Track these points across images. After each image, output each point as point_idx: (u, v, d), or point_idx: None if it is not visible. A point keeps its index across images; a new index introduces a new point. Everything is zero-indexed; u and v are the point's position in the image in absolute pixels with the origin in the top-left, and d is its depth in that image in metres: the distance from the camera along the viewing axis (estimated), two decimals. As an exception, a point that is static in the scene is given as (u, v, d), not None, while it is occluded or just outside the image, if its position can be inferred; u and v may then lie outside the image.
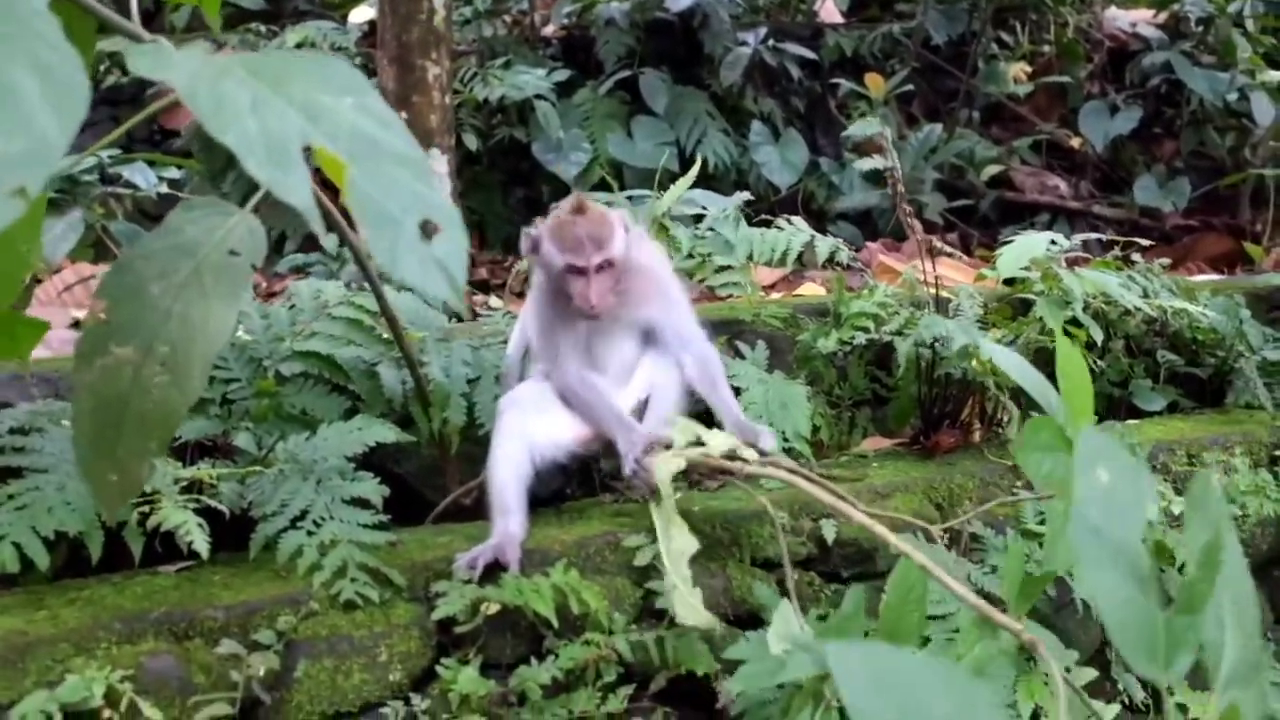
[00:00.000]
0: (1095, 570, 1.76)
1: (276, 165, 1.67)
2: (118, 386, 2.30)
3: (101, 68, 8.07)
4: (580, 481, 3.76)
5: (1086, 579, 1.75)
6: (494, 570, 2.93)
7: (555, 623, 2.85)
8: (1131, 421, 4.55)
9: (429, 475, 3.74)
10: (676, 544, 2.97)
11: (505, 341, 3.72)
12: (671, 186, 4.52)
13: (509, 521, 3.04)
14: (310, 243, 6.78)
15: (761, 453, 3.09)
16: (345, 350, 3.48)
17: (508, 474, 3.14)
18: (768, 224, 4.40)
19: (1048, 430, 2.52)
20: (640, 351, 3.38)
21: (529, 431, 3.21)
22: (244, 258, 2.40)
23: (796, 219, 4.41)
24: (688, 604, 2.90)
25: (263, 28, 8.35)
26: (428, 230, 1.73)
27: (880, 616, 2.57)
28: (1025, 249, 4.08)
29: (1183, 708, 3.69)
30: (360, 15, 8.58)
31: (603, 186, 5.76)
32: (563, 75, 7.93)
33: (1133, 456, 1.90)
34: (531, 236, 3.24)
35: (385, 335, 3.51)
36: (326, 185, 3.18)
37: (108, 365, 2.29)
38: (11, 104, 1.44)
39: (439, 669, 2.81)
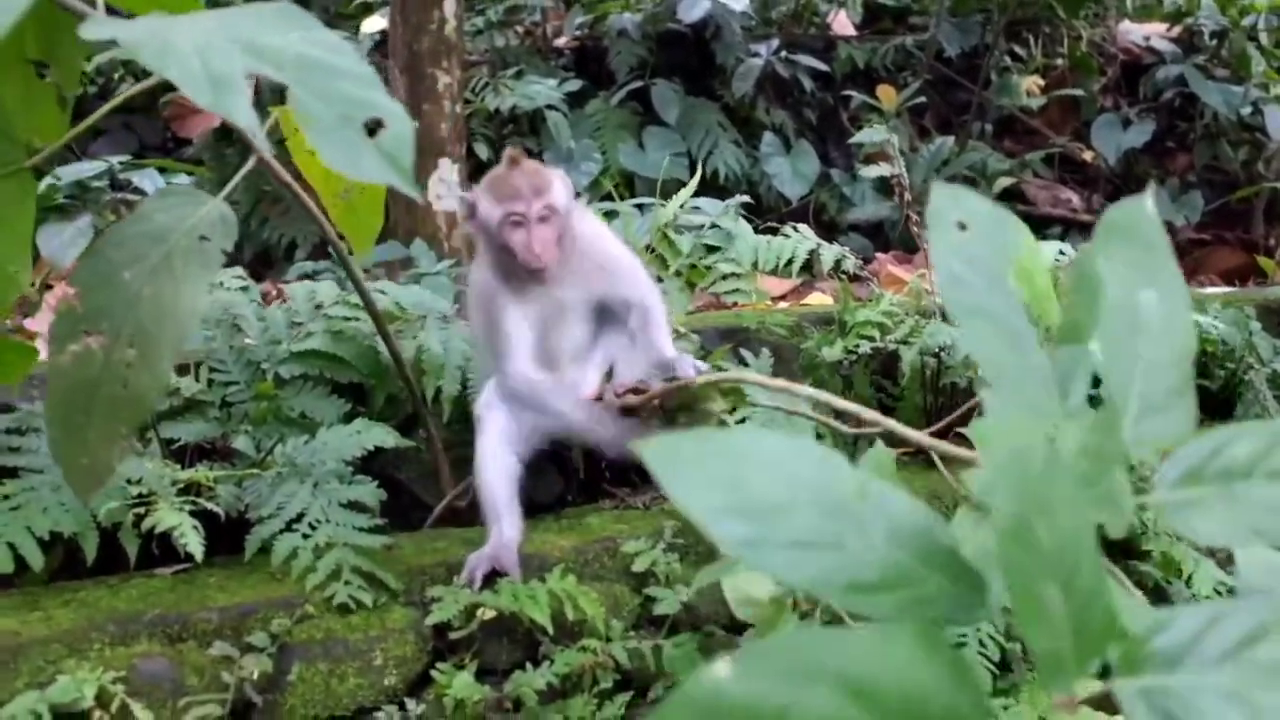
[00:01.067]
0: (968, 322, 1.61)
1: (217, 90, 1.71)
2: (88, 371, 2.31)
3: (116, 75, 8.12)
4: (581, 488, 3.74)
5: (962, 336, 1.60)
6: (493, 577, 2.91)
7: (550, 629, 2.83)
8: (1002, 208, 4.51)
9: (428, 480, 3.72)
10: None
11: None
12: (675, 196, 4.52)
13: (502, 525, 3.01)
14: (320, 250, 6.80)
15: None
16: (344, 345, 3.48)
17: (495, 475, 3.10)
18: (774, 231, 4.39)
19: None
20: (595, 327, 3.25)
21: (510, 429, 3.16)
22: (214, 243, 2.41)
23: (802, 226, 4.40)
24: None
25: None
26: (373, 129, 1.75)
27: None
28: (1032, 258, 4.06)
29: None
30: (372, 25, 8.59)
31: (613, 197, 5.76)
32: (574, 85, 7.94)
33: (991, 204, 1.72)
34: (467, 200, 3.08)
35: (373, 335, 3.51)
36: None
37: (79, 351, 2.30)
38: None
39: (434, 674, 2.79)
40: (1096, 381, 1.40)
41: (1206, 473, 1.26)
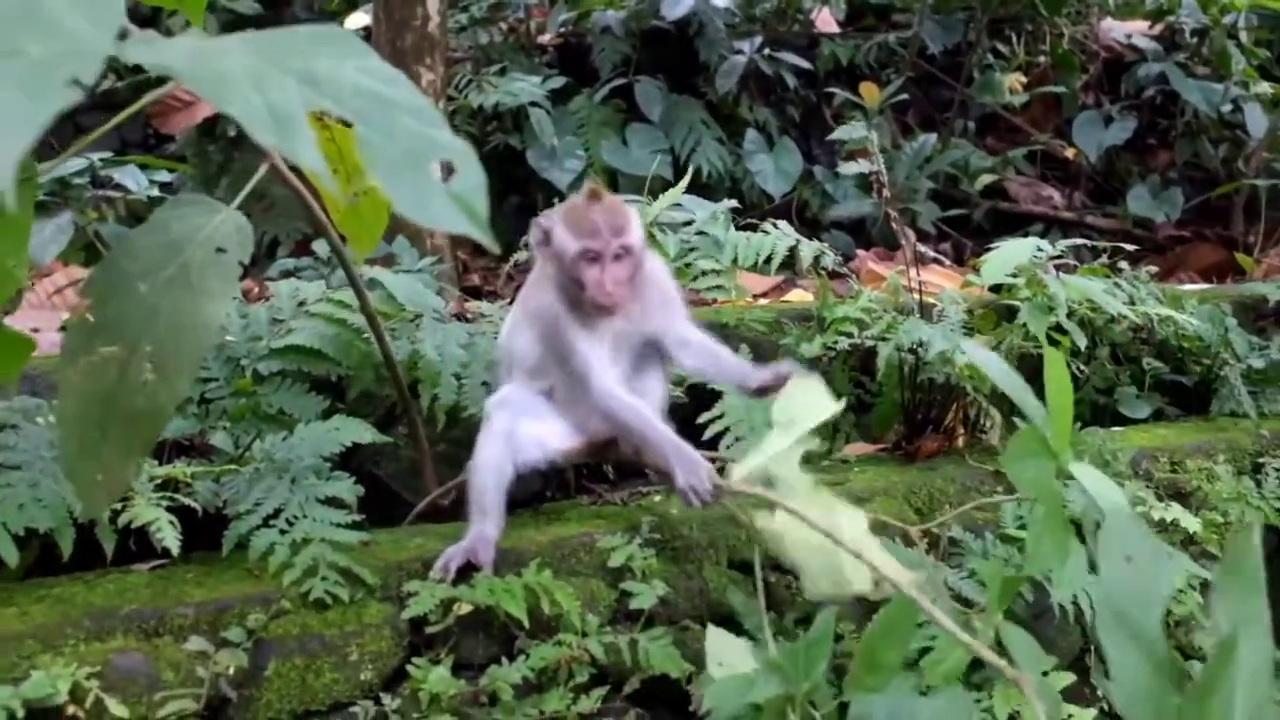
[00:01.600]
0: (1116, 648, 1.84)
1: (284, 132, 1.66)
2: (104, 385, 2.29)
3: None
4: (559, 485, 3.76)
5: (1108, 655, 1.84)
6: (468, 571, 2.92)
7: (526, 623, 2.84)
8: (1116, 429, 4.55)
9: (408, 477, 3.75)
10: (848, 528, 2.70)
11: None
12: (663, 195, 4.52)
13: (485, 524, 3.02)
14: (302, 248, 6.80)
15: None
16: (327, 342, 3.49)
17: (489, 478, 3.09)
18: (753, 228, 4.40)
19: (1033, 439, 2.56)
20: (636, 361, 3.27)
21: (516, 434, 3.15)
22: (231, 254, 2.41)
23: (782, 223, 4.41)
24: (891, 570, 2.62)
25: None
26: (443, 172, 1.72)
27: (861, 644, 2.56)
28: (1010, 255, 4.09)
29: None
30: (355, 22, 8.59)
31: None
32: (558, 83, 7.93)
33: (1153, 539, 1.97)
34: (543, 226, 3.09)
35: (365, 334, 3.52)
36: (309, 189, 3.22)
37: (93, 363, 2.28)
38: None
39: (410, 668, 2.79)
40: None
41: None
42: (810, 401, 2.90)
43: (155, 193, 5.79)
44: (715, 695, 2.70)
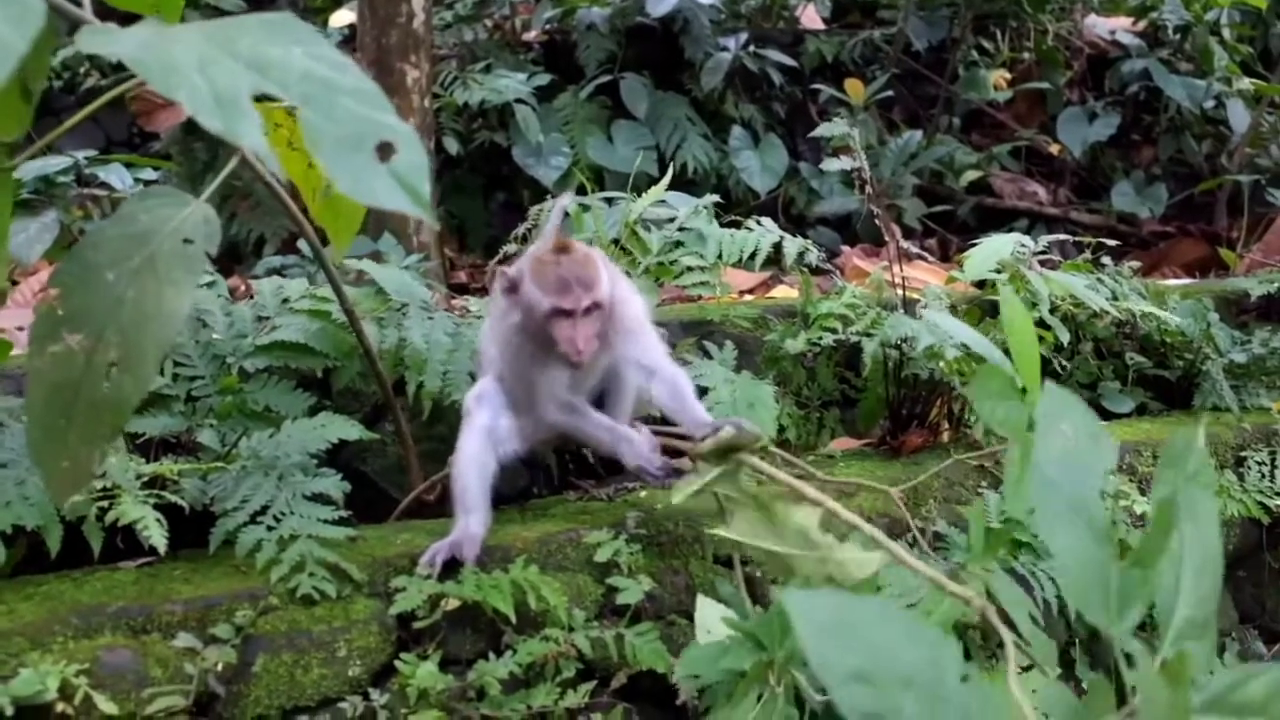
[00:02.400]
0: (1052, 521, 1.84)
1: (227, 115, 1.70)
2: (70, 373, 2.30)
3: (81, 70, 8.08)
4: (545, 481, 3.78)
5: (1044, 530, 1.82)
6: (453, 566, 2.94)
7: (513, 619, 2.85)
8: (1101, 424, 4.55)
9: (394, 474, 3.77)
10: (796, 519, 2.85)
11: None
12: (647, 191, 4.54)
13: (470, 520, 3.03)
14: (288, 245, 6.80)
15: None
16: (311, 337, 3.52)
17: (471, 473, 3.10)
18: (738, 225, 4.42)
19: (998, 378, 2.59)
20: (601, 385, 3.32)
21: (497, 428, 3.17)
22: (198, 245, 2.41)
23: (766, 220, 4.43)
24: (843, 561, 2.78)
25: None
26: (385, 152, 1.75)
27: None
28: (993, 250, 4.10)
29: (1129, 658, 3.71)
30: (340, 19, 8.59)
31: (582, 191, 5.79)
32: (543, 80, 7.95)
33: (1092, 415, 1.97)
34: (509, 276, 3.07)
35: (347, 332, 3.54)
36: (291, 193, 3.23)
37: (59, 352, 2.28)
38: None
39: (398, 664, 2.80)
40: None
41: (1226, 703, 1.69)
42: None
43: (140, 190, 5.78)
44: (690, 662, 2.73)
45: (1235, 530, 4.35)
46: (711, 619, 2.95)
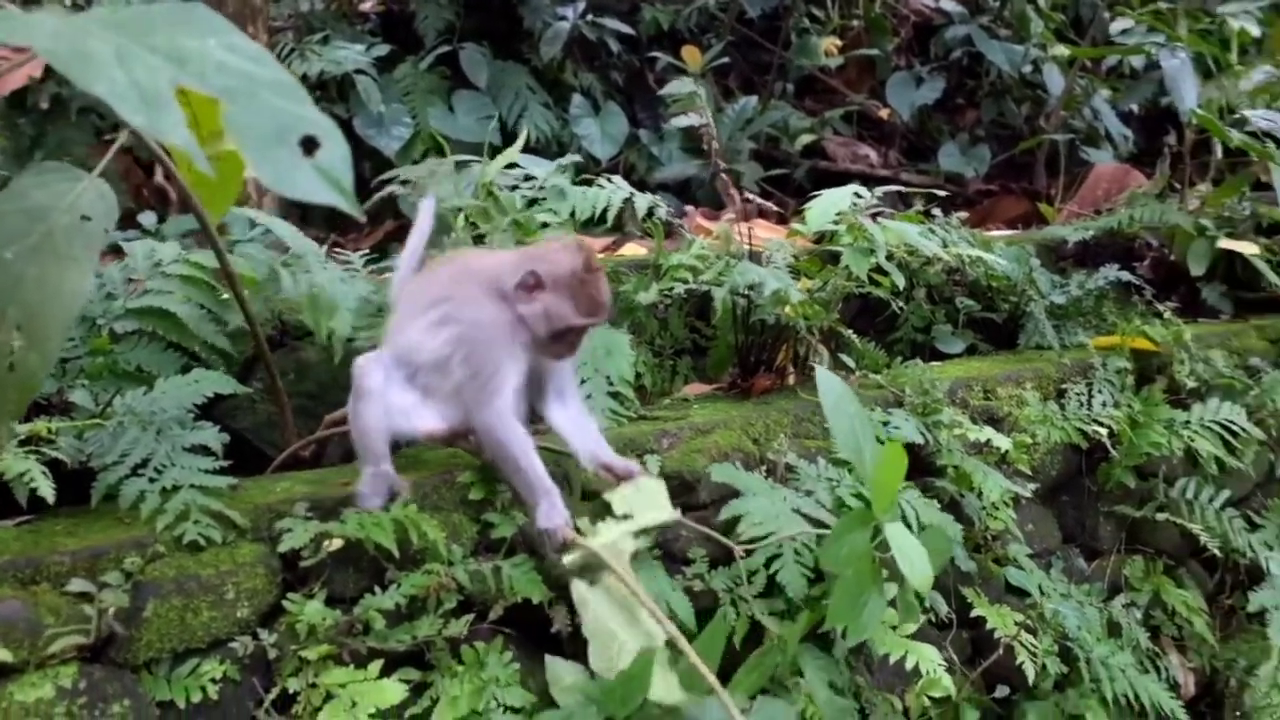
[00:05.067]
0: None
1: (152, 111, 1.72)
2: None
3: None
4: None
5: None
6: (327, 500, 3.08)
7: (396, 554, 2.97)
8: (934, 363, 4.84)
9: (265, 430, 3.83)
10: (649, 625, 3.05)
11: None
12: (501, 154, 4.65)
13: (382, 462, 3.13)
14: (128, 220, 6.72)
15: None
16: (183, 306, 3.56)
17: (370, 425, 3.14)
18: (589, 183, 4.57)
19: (857, 520, 3.16)
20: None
21: (390, 405, 3.19)
22: (96, 221, 2.44)
23: (617, 178, 4.59)
24: (662, 683, 2.99)
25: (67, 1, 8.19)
26: (309, 146, 1.80)
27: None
28: (832, 202, 4.33)
29: (981, 619, 4.00)
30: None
31: (428, 156, 5.86)
32: (382, 50, 7.95)
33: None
34: (538, 275, 3.13)
35: (223, 293, 3.61)
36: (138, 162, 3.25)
37: None
38: None
39: (285, 604, 2.91)
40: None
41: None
42: (649, 503, 3.25)
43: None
44: None
45: (1058, 457, 4.67)
46: (561, 675, 3.15)
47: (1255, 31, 8.63)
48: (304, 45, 7.84)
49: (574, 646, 3.15)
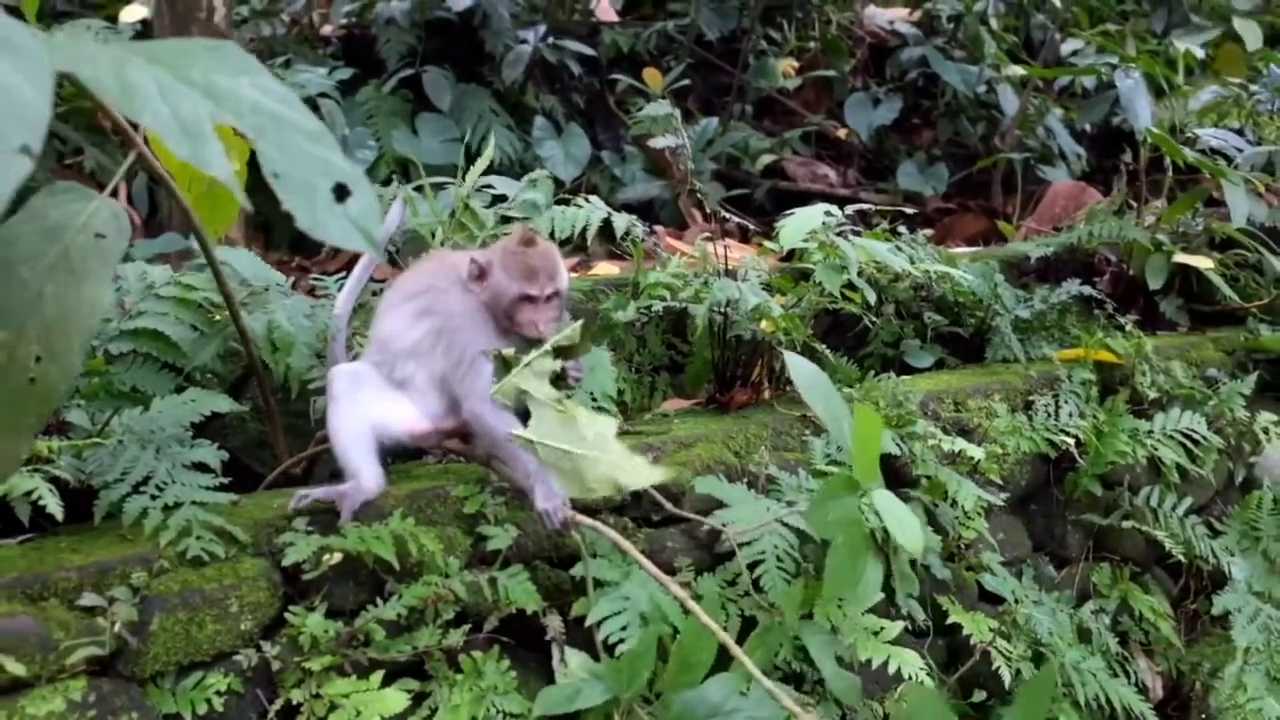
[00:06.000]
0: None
1: (194, 143, 1.80)
2: None
3: None
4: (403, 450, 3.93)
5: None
6: (327, 513, 3.14)
7: (396, 566, 3.03)
8: (905, 377, 4.93)
9: (256, 449, 3.88)
10: (590, 432, 3.11)
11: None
12: (472, 167, 4.72)
13: (361, 478, 3.21)
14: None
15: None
16: (176, 327, 3.61)
17: (347, 438, 3.26)
18: (566, 203, 4.65)
19: (841, 483, 3.14)
20: None
21: (370, 414, 3.31)
22: (111, 240, 2.49)
23: (594, 198, 4.67)
24: (633, 469, 3.07)
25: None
26: (340, 194, 1.90)
27: (675, 646, 3.11)
28: (805, 221, 4.42)
29: (957, 626, 4.09)
30: (132, 14, 8.40)
31: (389, 182, 5.90)
32: (345, 74, 8.02)
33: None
34: (480, 264, 3.34)
35: (215, 313, 3.65)
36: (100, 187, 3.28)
37: None
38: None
39: (287, 616, 2.96)
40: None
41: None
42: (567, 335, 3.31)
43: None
44: (546, 701, 3.05)
45: (1027, 466, 4.78)
46: (571, 665, 3.23)
47: (1200, 53, 8.84)
48: (267, 69, 7.86)
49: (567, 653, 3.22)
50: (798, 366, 3.32)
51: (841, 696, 3.48)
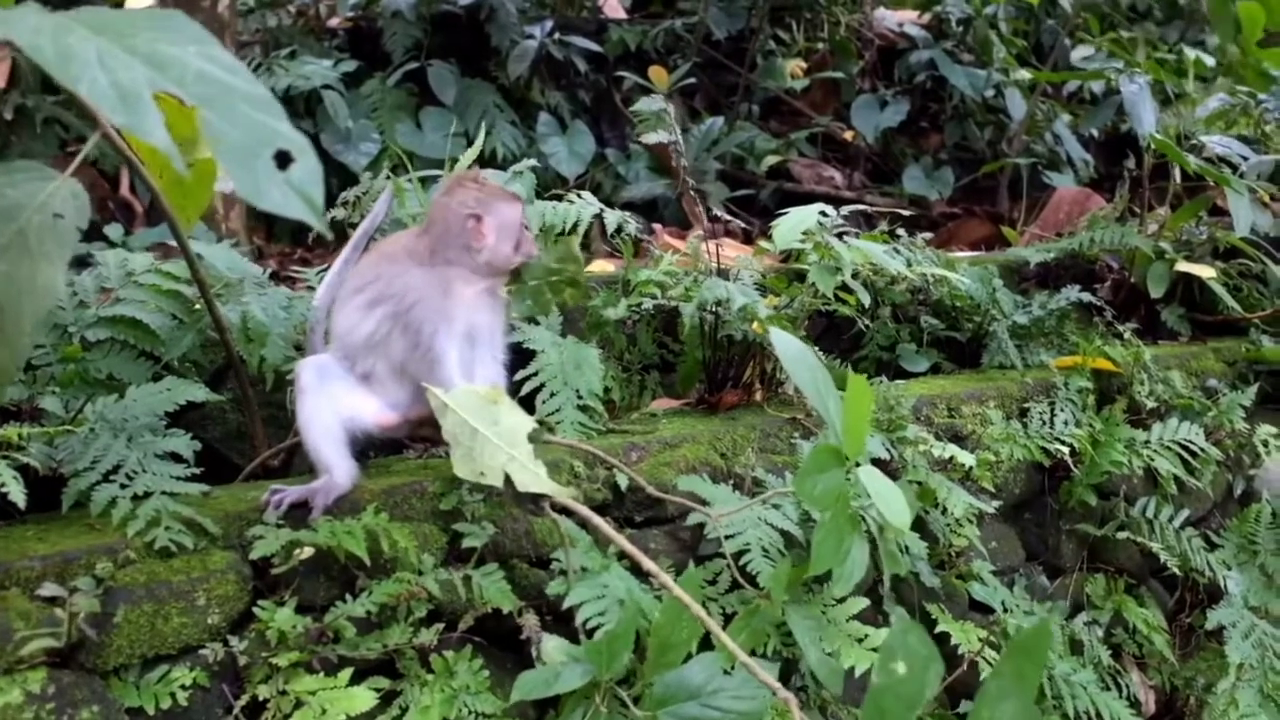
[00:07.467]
0: None
1: (132, 112, 1.77)
2: None
3: None
4: (383, 444, 3.89)
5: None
6: (300, 510, 3.08)
7: (368, 562, 2.98)
8: (899, 381, 4.89)
9: (234, 440, 3.84)
10: (506, 423, 3.16)
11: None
12: (460, 158, 4.68)
13: (334, 473, 3.16)
14: (94, 233, 6.70)
15: None
16: (154, 316, 3.56)
17: (317, 432, 3.21)
18: (559, 198, 4.60)
19: (827, 454, 3.00)
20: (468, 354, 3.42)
21: (339, 407, 3.27)
22: (69, 220, 2.45)
23: (586, 194, 4.62)
24: (529, 473, 3.13)
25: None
26: (283, 161, 1.86)
27: (654, 627, 3.06)
28: (799, 221, 4.37)
29: (946, 635, 4.03)
30: (138, 3, 8.43)
31: (398, 170, 5.86)
32: (350, 66, 8.00)
33: (926, 648, 2.23)
34: (473, 211, 3.29)
35: (195, 303, 3.61)
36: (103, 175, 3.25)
37: None
38: None
39: (256, 611, 2.91)
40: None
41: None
42: None
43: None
44: (524, 685, 2.99)
45: (1021, 474, 4.72)
46: (550, 652, 3.19)
47: (1210, 61, 8.77)
48: (271, 60, 7.86)
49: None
50: (783, 341, 3.25)
51: (825, 682, 3.41)
